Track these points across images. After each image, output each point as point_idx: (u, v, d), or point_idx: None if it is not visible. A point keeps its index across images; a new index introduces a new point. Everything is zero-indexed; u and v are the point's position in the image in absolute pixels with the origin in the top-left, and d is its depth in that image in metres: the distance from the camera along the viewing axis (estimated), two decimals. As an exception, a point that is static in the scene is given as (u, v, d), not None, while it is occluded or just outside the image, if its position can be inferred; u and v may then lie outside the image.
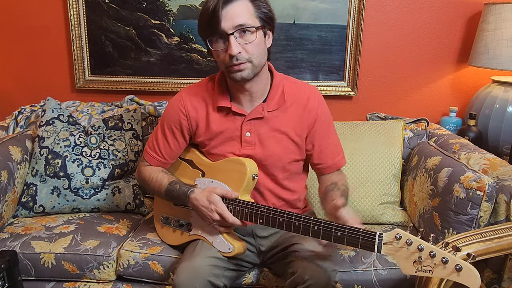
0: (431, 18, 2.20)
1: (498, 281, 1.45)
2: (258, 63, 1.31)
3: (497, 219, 1.45)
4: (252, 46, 1.27)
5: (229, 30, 1.24)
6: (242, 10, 1.25)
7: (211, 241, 1.43)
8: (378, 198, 1.83)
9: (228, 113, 1.42)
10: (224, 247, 1.40)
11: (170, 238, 1.59)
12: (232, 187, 1.39)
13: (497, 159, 1.64)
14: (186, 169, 1.54)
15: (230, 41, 1.24)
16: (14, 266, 1.57)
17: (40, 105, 2.20)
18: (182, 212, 1.52)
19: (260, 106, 1.40)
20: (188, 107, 1.45)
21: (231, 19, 1.23)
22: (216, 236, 1.42)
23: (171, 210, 1.56)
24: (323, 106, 1.47)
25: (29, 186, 1.87)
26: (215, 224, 1.38)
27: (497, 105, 2.03)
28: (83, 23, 2.22)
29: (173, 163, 1.55)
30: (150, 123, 2.12)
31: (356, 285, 1.50)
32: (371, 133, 1.93)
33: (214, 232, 1.42)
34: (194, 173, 1.50)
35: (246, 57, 1.27)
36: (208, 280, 1.29)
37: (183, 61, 2.26)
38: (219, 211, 1.34)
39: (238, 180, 1.38)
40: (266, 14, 1.30)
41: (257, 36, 1.28)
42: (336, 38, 2.20)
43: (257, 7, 1.28)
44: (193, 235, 1.49)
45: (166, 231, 1.60)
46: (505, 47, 1.92)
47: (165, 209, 1.59)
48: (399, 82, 2.29)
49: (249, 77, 1.31)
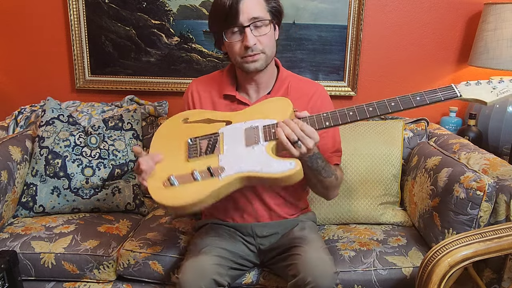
0: (431, 18, 2.20)
1: (498, 281, 1.45)
2: (271, 54, 1.39)
3: (497, 219, 1.45)
4: (266, 38, 1.35)
5: (245, 22, 1.31)
6: (255, 4, 1.32)
7: (259, 168, 1.19)
8: (378, 198, 1.83)
9: (233, 101, 1.47)
10: (282, 166, 1.17)
11: (189, 194, 1.20)
12: (277, 117, 1.25)
13: (497, 159, 1.64)
14: (202, 127, 1.34)
15: (246, 33, 1.31)
16: (14, 266, 1.57)
17: (40, 105, 2.20)
18: (202, 162, 1.25)
19: (264, 97, 1.45)
20: (194, 94, 1.52)
21: (247, 12, 1.30)
22: (266, 161, 1.19)
23: (185, 166, 1.26)
24: (327, 102, 1.51)
25: (29, 186, 1.87)
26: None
27: (497, 105, 2.03)
28: (83, 23, 2.22)
29: (179, 130, 1.36)
30: (150, 123, 2.12)
31: (356, 285, 1.50)
32: (371, 133, 1.93)
33: (260, 159, 1.21)
34: (215, 125, 1.33)
35: (260, 48, 1.34)
36: (213, 278, 1.29)
37: (183, 61, 2.26)
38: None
39: (281, 112, 1.26)
40: (276, 8, 1.38)
41: (270, 28, 1.36)
42: (336, 38, 2.20)
43: (268, 1, 1.36)
44: (227, 176, 1.20)
45: (176, 192, 1.23)
46: (505, 47, 1.92)
47: (171, 171, 1.25)
48: (399, 82, 2.28)
49: (262, 67, 1.38)
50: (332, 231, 1.77)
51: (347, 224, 1.84)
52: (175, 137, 1.34)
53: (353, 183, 1.83)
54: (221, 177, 1.21)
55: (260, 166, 1.19)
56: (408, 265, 1.51)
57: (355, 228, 1.78)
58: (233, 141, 1.27)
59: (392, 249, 1.60)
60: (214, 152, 1.26)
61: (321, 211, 1.81)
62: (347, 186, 1.82)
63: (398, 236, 1.70)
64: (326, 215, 1.83)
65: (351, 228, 1.78)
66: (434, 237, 1.55)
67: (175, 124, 1.40)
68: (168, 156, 1.30)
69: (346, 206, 1.81)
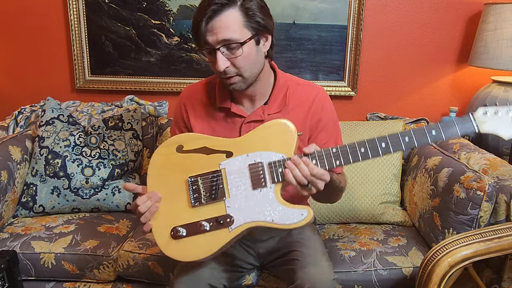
0: (431, 18, 2.20)
1: (498, 281, 1.45)
2: (249, 75, 1.25)
3: (497, 219, 1.45)
4: (240, 60, 1.21)
5: (214, 44, 1.18)
6: (229, 23, 1.17)
7: (270, 219, 1.16)
8: (378, 198, 1.83)
9: (228, 113, 1.38)
10: (293, 216, 1.15)
11: (199, 249, 1.20)
12: (283, 152, 1.18)
13: (497, 159, 1.64)
14: (199, 160, 1.24)
15: (217, 55, 1.19)
16: (14, 266, 1.57)
17: (40, 105, 2.20)
18: (208, 210, 1.21)
19: (261, 108, 1.36)
20: (188, 107, 1.42)
21: (215, 33, 1.17)
22: (276, 208, 1.16)
23: (191, 215, 1.21)
24: (328, 108, 1.40)
25: (29, 186, 1.87)
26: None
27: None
28: (83, 23, 2.22)
29: (176, 162, 1.27)
30: (150, 123, 2.12)
31: (356, 285, 1.49)
32: (371, 133, 1.93)
33: (269, 206, 1.16)
34: (214, 158, 1.23)
35: (234, 71, 1.22)
36: (208, 283, 1.29)
37: (183, 61, 2.26)
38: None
39: (286, 143, 1.19)
40: (259, 23, 1.22)
41: (244, 49, 1.20)
42: (336, 38, 2.20)
43: (248, 17, 1.20)
44: (237, 228, 1.17)
45: (186, 247, 1.21)
46: (505, 47, 1.92)
47: (176, 220, 1.21)
48: (399, 82, 2.29)
49: (242, 89, 1.28)
50: (332, 230, 1.77)
51: (347, 223, 1.84)
52: (172, 170, 1.24)
53: (353, 183, 1.83)
54: (231, 228, 1.18)
55: (271, 217, 1.16)
56: (408, 265, 1.51)
57: (355, 228, 1.78)
58: (238, 181, 1.20)
59: (392, 249, 1.60)
60: (219, 197, 1.20)
61: (321, 210, 1.81)
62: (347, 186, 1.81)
63: (398, 236, 1.70)
64: (327, 214, 1.83)
65: (351, 228, 1.78)
66: (434, 237, 1.55)
67: (169, 153, 1.26)
68: (168, 197, 1.23)
69: (347, 206, 1.81)
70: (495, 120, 1.08)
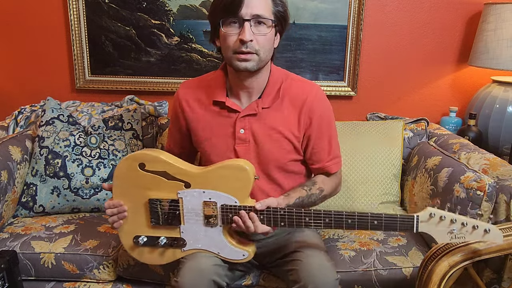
0: (431, 18, 2.20)
1: (498, 281, 1.45)
2: (265, 57, 1.31)
3: (497, 219, 1.45)
4: (264, 38, 1.28)
5: (246, 16, 1.25)
6: (263, 3, 1.28)
7: (217, 251, 1.33)
8: (378, 198, 1.83)
9: (223, 108, 1.40)
10: (237, 254, 1.32)
11: (154, 257, 1.38)
12: (237, 196, 1.27)
13: (497, 159, 1.64)
14: (160, 183, 1.31)
15: (245, 27, 1.25)
16: (14, 266, 1.57)
17: (40, 105, 2.20)
18: (165, 230, 1.35)
19: (255, 102, 1.38)
20: (183, 102, 1.45)
21: (251, 7, 1.25)
22: (223, 246, 1.32)
23: (151, 229, 1.36)
24: (322, 107, 1.41)
25: (29, 186, 1.87)
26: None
27: (497, 105, 2.03)
28: (83, 23, 2.22)
29: (137, 178, 1.33)
30: (150, 123, 2.12)
31: (356, 285, 1.49)
32: (371, 133, 1.93)
33: (217, 242, 1.32)
34: (174, 185, 1.31)
35: (256, 47, 1.27)
36: (212, 279, 1.29)
37: (183, 61, 2.26)
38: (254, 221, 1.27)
39: (242, 188, 1.28)
40: (281, 13, 1.32)
41: (271, 31, 1.30)
42: (336, 38, 2.20)
43: (275, 4, 1.31)
44: (189, 250, 1.35)
45: (144, 251, 1.39)
46: (505, 47, 1.92)
47: (138, 230, 1.37)
48: (399, 82, 2.29)
49: (253, 69, 1.30)
50: (332, 229, 1.77)
51: (347, 224, 1.84)
52: (134, 185, 1.34)
53: (353, 183, 1.83)
54: (184, 250, 1.35)
55: (217, 249, 1.33)
56: (408, 265, 1.51)
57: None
58: (192, 213, 1.32)
59: (392, 249, 1.60)
60: (175, 223, 1.33)
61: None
62: (347, 186, 1.82)
63: (398, 236, 1.70)
64: (326, 215, 1.83)
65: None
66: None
67: (132, 169, 1.32)
68: (131, 208, 1.36)
69: (347, 206, 1.82)
70: (436, 224, 1.17)
